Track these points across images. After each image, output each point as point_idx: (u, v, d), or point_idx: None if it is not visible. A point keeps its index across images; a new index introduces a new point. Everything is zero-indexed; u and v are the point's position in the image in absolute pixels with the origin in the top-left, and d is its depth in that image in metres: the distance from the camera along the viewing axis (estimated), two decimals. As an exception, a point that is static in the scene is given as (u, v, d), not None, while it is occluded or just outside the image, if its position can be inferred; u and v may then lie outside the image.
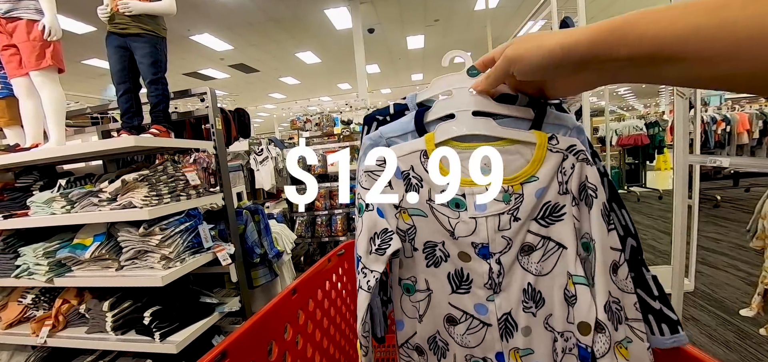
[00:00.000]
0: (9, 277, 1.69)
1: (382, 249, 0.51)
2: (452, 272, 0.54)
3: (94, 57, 7.01)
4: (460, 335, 0.55)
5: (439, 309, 0.56)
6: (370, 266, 0.51)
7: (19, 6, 1.70)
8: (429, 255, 0.55)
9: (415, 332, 0.58)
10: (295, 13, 6.31)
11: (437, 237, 0.54)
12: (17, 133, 2.05)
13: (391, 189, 0.53)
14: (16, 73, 1.79)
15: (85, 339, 1.57)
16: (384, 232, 0.51)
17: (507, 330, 0.53)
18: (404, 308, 0.58)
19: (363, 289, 0.51)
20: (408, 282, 0.57)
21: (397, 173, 0.53)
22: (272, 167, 3.66)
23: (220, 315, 1.76)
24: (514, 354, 0.53)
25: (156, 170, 1.62)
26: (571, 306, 0.49)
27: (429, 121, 0.55)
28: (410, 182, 0.53)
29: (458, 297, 0.55)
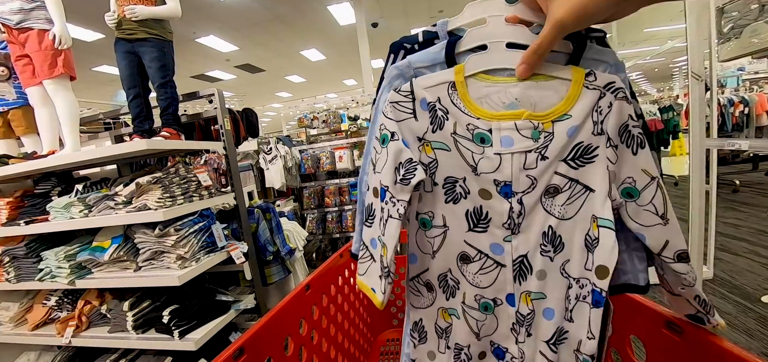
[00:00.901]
0: (33, 280, 1.75)
1: (407, 178, 0.50)
2: (471, 209, 0.53)
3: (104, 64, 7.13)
4: (473, 274, 0.55)
5: (454, 246, 0.55)
6: (397, 195, 0.51)
7: (30, 16, 1.74)
8: (449, 190, 0.54)
9: (426, 268, 0.58)
10: (298, 11, 6.30)
11: (459, 173, 0.53)
12: (34, 141, 2.10)
13: (416, 120, 0.52)
14: (30, 83, 1.83)
15: (108, 338, 1.62)
16: (409, 162, 0.51)
17: (521, 272, 0.53)
18: (419, 242, 0.58)
19: (393, 218, 0.52)
20: (425, 216, 0.56)
21: (423, 104, 0.52)
22: (281, 165, 3.69)
23: (236, 312, 1.79)
24: (526, 298, 0.53)
25: (168, 172, 1.65)
26: (591, 251, 0.47)
27: (460, 52, 0.52)
28: (436, 114, 0.51)
29: (474, 236, 0.54)
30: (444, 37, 0.55)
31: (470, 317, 0.57)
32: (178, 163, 1.77)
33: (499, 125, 0.49)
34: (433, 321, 0.60)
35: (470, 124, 0.50)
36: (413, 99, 0.52)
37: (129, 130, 2.41)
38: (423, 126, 0.52)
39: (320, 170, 4.01)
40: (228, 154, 2.03)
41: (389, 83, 0.56)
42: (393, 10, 6.83)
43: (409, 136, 0.53)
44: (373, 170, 0.55)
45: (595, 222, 0.46)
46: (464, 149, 0.51)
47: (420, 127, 0.52)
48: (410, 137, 0.53)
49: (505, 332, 0.56)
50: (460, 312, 0.57)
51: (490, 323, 0.56)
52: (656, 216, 0.45)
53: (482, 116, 0.50)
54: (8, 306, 1.95)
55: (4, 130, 2.10)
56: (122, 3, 1.85)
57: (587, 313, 0.48)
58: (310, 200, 4.03)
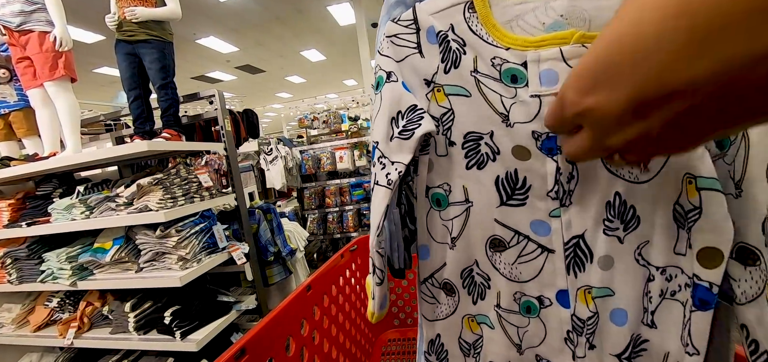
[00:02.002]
0: (35, 282, 1.76)
1: (409, 129, 0.37)
2: (503, 176, 0.39)
3: (104, 65, 7.15)
4: (508, 264, 0.40)
5: (481, 228, 0.40)
6: (392, 155, 0.39)
7: (30, 18, 1.74)
8: (471, 151, 0.40)
9: (444, 263, 0.43)
10: (298, 11, 6.31)
11: (484, 126, 0.39)
12: (35, 143, 2.11)
13: (421, 56, 0.39)
14: (31, 85, 1.84)
15: (110, 339, 1.63)
16: (412, 110, 0.38)
17: (576, 259, 0.37)
18: (431, 228, 0.43)
19: (381, 185, 0.39)
20: (438, 191, 0.42)
21: (430, 35, 0.39)
22: (282, 166, 3.69)
23: (237, 313, 1.79)
24: (584, 295, 0.38)
25: (169, 173, 1.65)
26: (685, 227, 0.33)
27: None
28: (448, 48, 0.38)
29: (509, 212, 0.39)
30: None
31: (508, 324, 0.42)
32: (179, 164, 1.77)
33: (537, 55, 0.35)
34: (456, 336, 0.45)
35: (496, 58, 0.37)
36: (417, 29, 0.39)
37: (130, 132, 2.42)
38: (432, 64, 0.39)
39: (321, 170, 4.02)
40: (229, 155, 2.03)
41: (387, 13, 0.45)
42: (393, 9, 6.82)
43: (414, 79, 0.40)
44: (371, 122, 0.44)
45: (693, 183, 0.31)
46: (490, 92, 0.38)
47: (427, 66, 0.39)
48: (415, 80, 0.40)
49: (556, 343, 0.40)
50: (494, 318, 0.43)
51: (534, 330, 0.41)
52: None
53: (513, 45, 0.36)
54: (10, 308, 1.96)
55: (6, 132, 2.11)
56: (122, 5, 1.85)
57: (679, 316, 0.34)
58: (311, 200, 4.03)
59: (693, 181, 0.31)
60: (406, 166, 0.38)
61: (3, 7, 1.71)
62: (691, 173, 0.32)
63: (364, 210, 3.89)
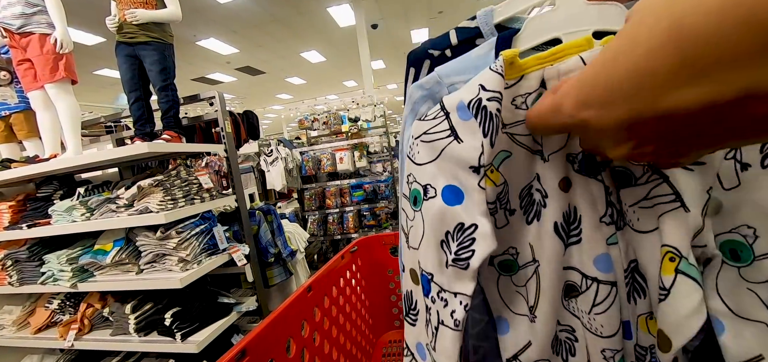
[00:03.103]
0: (35, 284, 1.76)
1: (462, 258, 0.31)
2: (560, 220, 0.34)
3: (105, 67, 7.16)
4: (585, 313, 0.35)
5: (553, 282, 0.35)
6: (453, 287, 0.33)
7: (31, 21, 1.75)
8: (528, 205, 0.36)
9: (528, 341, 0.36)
10: (298, 13, 6.32)
11: (531, 175, 0.35)
12: (36, 145, 2.11)
13: (458, 141, 0.32)
14: (32, 87, 1.84)
15: (110, 341, 1.63)
16: (460, 230, 0.32)
17: (636, 284, 0.33)
18: (506, 296, 0.38)
19: (448, 327, 0.32)
20: (505, 257, 0.37)
21: (461, 111, 0.32)
22: (282, 167, 3.70)
23: (238, 314, 1.79)
24: (646, 322, 0.33)
25: (170, 175, 1.65)
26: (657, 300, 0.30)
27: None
28: (488, 115, 0.30)
29: (570, 253, 0.34)
30: (490, 33, 0.38)
31: None
32: (180, 165, 1.77)
33: (556, 70, 0.31)
34: None
35: (517, 97, 0.33)
36: (446, 114, 0.33)
37: (130, 133, 2.42)
38: (473, 145, 0.31)
39: (321, 172, 4.02)
40: (229, 157, 2.03)
41: (412, 110, 0.39)
42: (392, 11, 6.84)
43: (458, 172, 0.32)
44: (406, 243, 0.38)
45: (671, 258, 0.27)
46: (523, 136, 0.34)
47: (469, 150, 0.31)
48: (460, 173, 0.32)
49: None
50: None
51: None
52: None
53: (527, 67, 0.33)
54: (11, 310, 1.96)
55: (6, 134, 2.11)
56: (123, 7, 1.86)
57: None
58: (311, 202, 4.03)
59: (677, 260, 0.26)
60: (471, 297, 0.32)
61: (4, 9, 1.72)
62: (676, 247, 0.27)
63: (364, 211, 3.89)
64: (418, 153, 0.35)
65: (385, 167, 4.16)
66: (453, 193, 0.33)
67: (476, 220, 0.31)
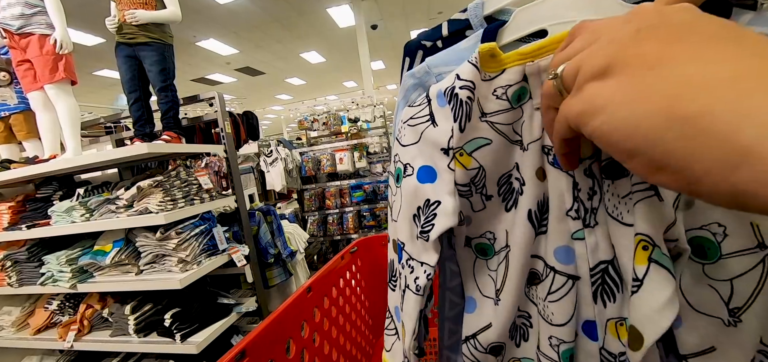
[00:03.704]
0: (35, 284, 1.76)
1: (425, 230, 0.35)
2: (534, 208, 0.35)
3: (104, 68, 7.16)
4: (541, 300, 0.36)
5: (520, 268, 0.36)
6: (419, 256, 0.36)
7: (31, 21, 1.75)
8: (507, 193, 0.37)
9: (489, 323, 0.38)
10: (297, 13, 6.32)
11: (510, 163, 0.36)
12: (36, 146, 2.11)
13: (434, 125, 0.36)
14: (32, 87, 1.84)
15: (110, 342, 1.62)
16: (427, 205, 0.36)
17: (605, 286, 0.32)
18: (479, 281, 0.40)
19: (411, 291, 0.37)
20: (482, 241, 0.39)
21: (439, 98, 0.36)
22: (282, 168, 3.70)
23: (237, 315, 1.79)
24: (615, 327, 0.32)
25: (169, 176, 1.65)
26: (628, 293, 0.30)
27: (505, 45, 0.36)
28: (458, 100, 0.34)
29: (538, 242, 0.36)
30: (480, 25, 0.39)
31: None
32: (179, 166, 1.77)
33: (536, 66, 0.32)
34: None
35: (498, 88, 0.34)
36: (429, 101, 0.37)
37: (130, 134, 2.42)
38: (445, 130, 0.35)
39: (321, 172, 4.02)
40: (229, 157, 2.03)
41: (404, 98, 0.42)
42: (392, 11, 6.84)
43: (434, 154, 0.36)
44: (390, 216, 0.42)
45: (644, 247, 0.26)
46: (504, 126, 0.35)
47: (441, 133, 0.35)
48: (435, 154, 0.36)
49: None
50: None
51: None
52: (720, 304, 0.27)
53: (509, 62, 0.34)
54: (10, 311, 1.95)
55: (6, 134, 2.11)
56: (122, 7, 1.86)
57: None
58: (311, 202, 4.03)
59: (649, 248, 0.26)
60: (433, 267, 0.35)
61: (3, 10, 1.72)
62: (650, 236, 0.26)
63: (364, 211, 3.89)
64: (404, 135, 0.39)
65: (385, 168, 4.16)
66: (427, 173, 0.36)
67: (440, 198, 0.35)
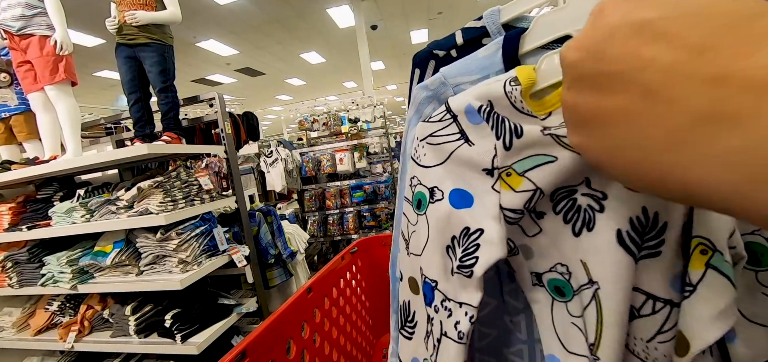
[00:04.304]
0: (35, 285, 1.76)
1: (466, 265, 0.29)
2: (626, 226, 0.26)
3: (105, 68, 7.17)
4: (643, 341, 0.28)
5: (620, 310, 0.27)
6: (458, 296, 0.30)
7: (31, 23, 1.75)
8: (568, 211, 0.29)
9: None
10: (297, 14, 6.33)
11: (574, 178, 0.28)
12: (36, 146, 2.11)
13: (470, 144, 0.30)
14: (32, 88, 1.84)
15: (110, 342, 1.62)
16: (464, 235, 0.30)
17: None
18: (561, 332, 0.31)
19: (451, 339, 0.30)
20: (554, 275, 0.31)
21: (470, 115, 0.30)
22: (282, 168, 3.70)
23: (238, 315, 1.79)
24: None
25: (170, 176, 1.65)
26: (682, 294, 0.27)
27: (526, 52, 0.33)
28: (499, 119, 0.29)
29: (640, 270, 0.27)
30: (497, 32, 0.37)
31: None
32: (180, 166, 1.77)
33: None
34: None
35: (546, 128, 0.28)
36: (454, 117, 0.31)
37: (130, 135, 2.42)
38: (486, 147, 0.29)
39: (321, 173, 4.02)
40: (229, 158, 2.03)
41: (417, 112, 0.38)
42: (392, 12, 6.85)
43: (469, 175, 0.31)
44: (407, 250, 0.36)
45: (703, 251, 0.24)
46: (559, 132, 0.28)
47: (482, 152, 0.30)
48: (471, 176, 0.30)
49: None
50: None
51: None
52: None
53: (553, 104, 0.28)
54: (11, 312, 1.95)
55: (7, 135, 2.11)
56: (123, 8, 1.86)
57: None
58: (312, 202, 4.03)
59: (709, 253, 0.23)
60: (476, 308, 0.29)
61: (4, 11, 1.72)
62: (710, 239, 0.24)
63: (364, 212, 3.89)
64: (424, 155, 0.33)
65: (385, 168, 4.16)
66: (461, 197, 0.31)
67: (482, 225, 0.29)
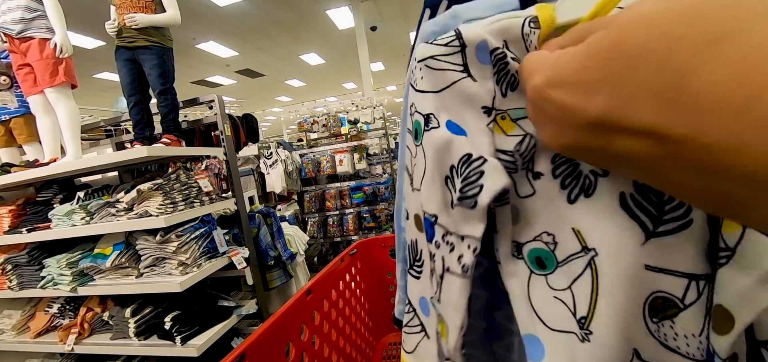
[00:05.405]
0: (35, 288, 1.76)
1: (469, 194, 0.26)
2: (631, 190, 0.23)
3: (104, 70, 7.18)
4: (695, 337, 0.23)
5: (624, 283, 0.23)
6: (460, 229, 0.28)
7: (31, 26, 1.75)
8: (569, 176, 0.26)
9: None
10: (297, 15, 6.34)
11: None
12: (36, 149, 2.12)
13: (473, 79, 0.28)
14: (32, 91, 1.85)
15: (110, 345, 1.62)
16: (466, 162, 0.27)
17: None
18: (540, 308, 0.28)
19: (455, 274, 0.28)
20: (537, 245, 0.28)
21: (481, 52, 0.28)
22: (282, 170, 3.70)
23: (237, 317, 1.79)
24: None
25: (169, 178, 1.65)
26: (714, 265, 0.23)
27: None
28: (505, 67, 0.27)
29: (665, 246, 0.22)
30: None
31: None
32: (179, 169, 1.77)
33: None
34: None
35: None
36: (462, 45, 0.28)
37: (130, 137, 2.42)
38: (487, 87, 0.28)
39: (321, 174, 4.02)
40: (229, 160, 2.03)
41: (422, 37, 0.35)
42: (391, 13, 6.86)
43: (466, 111, 0.29)
44: (411, 186, 0.34)
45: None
46: None
47: (483, 90, 0.28)
48: (468, 111, 0.29)
49: None
50: None
51: None
52: None
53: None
54: (11, 314, 1.95)
55: (6, 138, 2.11)
56: (122, 11, 1.86)
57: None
58: (311, 204, 4.03)
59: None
60: (479, 239, 0.26)
61: (3, 14, 1.72)
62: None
63: (364, 213, 3.90)
64: (421, 79, 0.31)
65: (385, 169, 4.16)
66: (457, 129, 0.29)
67: (484, 154, 0.27)
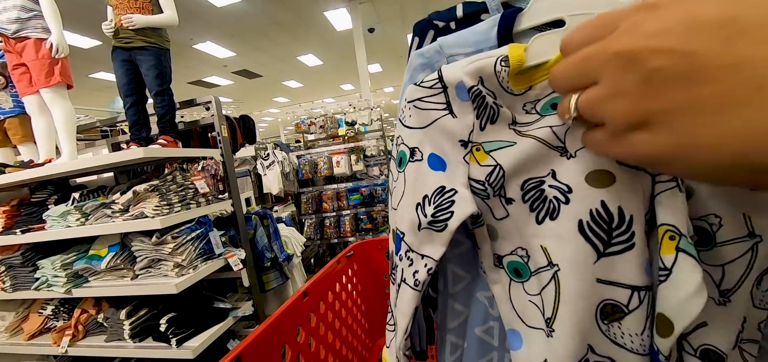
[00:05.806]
0: (29, 289, 1.74)
1: (439, 220, 0.32)
2: (586, 217, 0.28)
3: (101, 70, 7.13)
4: (637, 335, 0.28)
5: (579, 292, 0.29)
6: (421, 248, 0.33)
7: (27, 25, 1.74)
8: (536, 201, 0.32)
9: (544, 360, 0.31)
10: (295, 17, 6.34)
11: (541, 169, 0.31)
12: (31, 150, 2.10)
13: (453, 116, 0.34)
14: (27, 91, 1.84)
15: (105, 347, 1.61)
16: (439, 192, 0.33)
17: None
18: (519, 307, 0.34)
19: (408, 285, 0.34)
20: (514, 258, 0.34)
21: (460, 91, 0.33)
22: (279, 171, 3.69)
23: (233, 319, 1.78)
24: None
25: (166, 180, 1.65)
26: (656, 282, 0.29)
27: (521, 31, 0.35)
28: (483, 102, 0.33)
29: (613, 264, 0.28)
30: (496, 10, 0.39)
31: None
32: (176, 170, 1.77)
33: None
34: None
35: (527, 103, 0.33)
36: (444, 87, 0.34)
37: (126, 138, 2.41)
38: (466, 122, 0.33)
39: (318, 175, 4.02)
40: (225, 161, 2.03)
41: (411, 78, 0.41)
42: (389, 14, 6.87)
43: (446, 144, 0.34)
44: (392, 205, 0.39)
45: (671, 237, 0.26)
46: (537, 131, 0.32)
47: (461, 125, 0.33)
48: (448, 144, 0.34)
49: None
50: None
51: None
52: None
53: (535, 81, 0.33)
54: (4, 316, 1.94)
55: (1, 138, 2.10)
56: (119, 12, 1.86)
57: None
58: (308, 205, 4.03)
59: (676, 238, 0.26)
60: (437, 261, 0.32)
61: (-1, 14, 1.72)
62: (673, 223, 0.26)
63: (361, 214, 3.90)
64: (410, 117, 0.36)
65: (382, 170, 4.16)
66: (437, 161, 0.35)
67: (456, 187, 0.33)
